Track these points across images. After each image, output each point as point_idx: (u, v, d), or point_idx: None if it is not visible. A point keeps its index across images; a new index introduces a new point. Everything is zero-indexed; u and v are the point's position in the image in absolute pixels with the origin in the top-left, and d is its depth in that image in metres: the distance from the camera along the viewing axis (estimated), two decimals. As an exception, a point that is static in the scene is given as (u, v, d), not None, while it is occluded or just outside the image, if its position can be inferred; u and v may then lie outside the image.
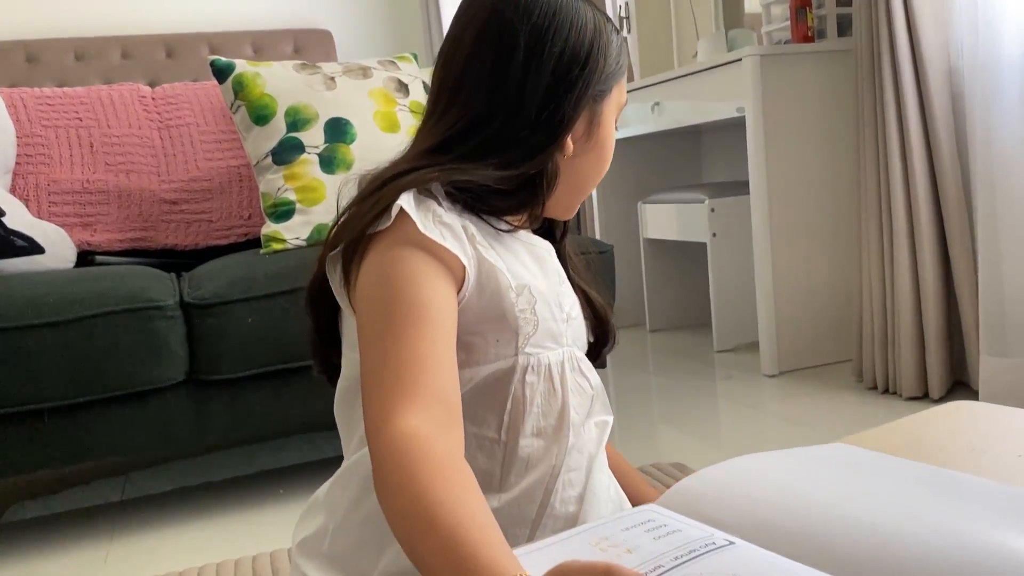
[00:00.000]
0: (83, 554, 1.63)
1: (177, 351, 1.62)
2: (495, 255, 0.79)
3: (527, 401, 0.80)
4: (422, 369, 0.67)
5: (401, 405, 0.65)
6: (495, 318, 0.78)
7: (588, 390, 0.86)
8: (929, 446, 0.82)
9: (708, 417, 2.23)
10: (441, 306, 0.72)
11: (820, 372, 2.46)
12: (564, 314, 0.84)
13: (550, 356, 0.82)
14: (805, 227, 2.48)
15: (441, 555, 0.55)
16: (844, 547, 0.58)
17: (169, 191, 2.10)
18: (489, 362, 0.79)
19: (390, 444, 0.62)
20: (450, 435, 0.66)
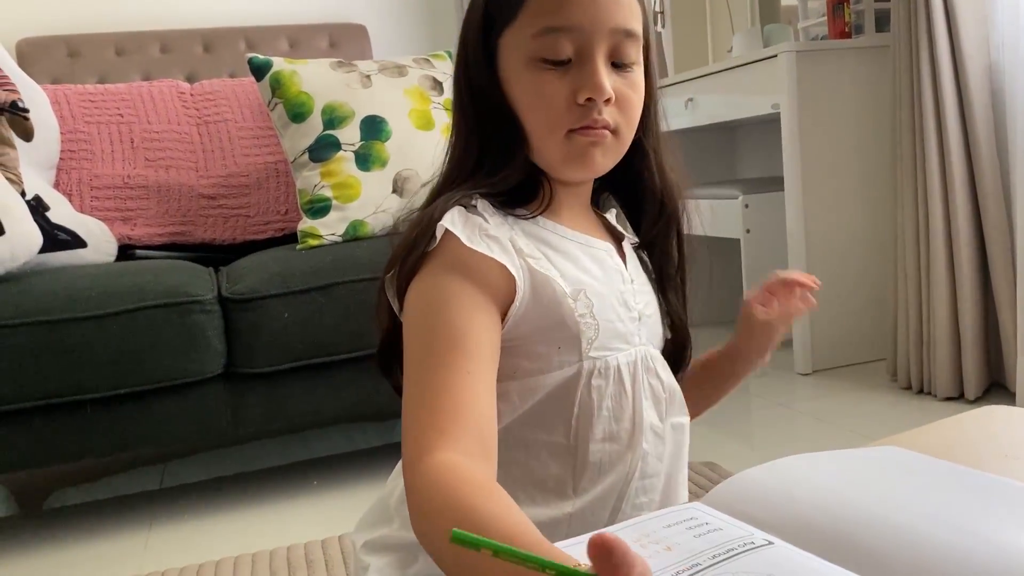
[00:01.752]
0: (123, 541, 1.67)
1: (215, 344, 1.65)
2: (547, 263, 0.78)
3: (595, 405, 0.79)
4: (456, 401, 0.67)
5: (436, 439, 0.64)
6: (555, 326, 0.77)
7: (661, 392, 0.85)
8: (961, 450, 0.82)
9: (740, 415, 2.23)
10: (480, 335, 0.72)
11: (854, 371, 2.44)
12: (633, 313, 0.83)
13: (619, 358, 0.81)
14: (840, 225, 2.46)
15: (490, 571, 0.52)
16: (884, 552, 0.58)
17: (207, 186, 2.13)
18: (554, 370, 0.78)
19: (426, 476, 0.61)
20: (485, 465, 0.65)
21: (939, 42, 2.02)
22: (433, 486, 0.60)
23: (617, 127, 0.79)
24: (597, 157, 0.80)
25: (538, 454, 0.75)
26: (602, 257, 0.84)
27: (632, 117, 0.81)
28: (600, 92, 0.76)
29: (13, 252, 1.64)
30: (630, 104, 0.80)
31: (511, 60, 0.80)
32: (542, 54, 0.77)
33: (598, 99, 0.77)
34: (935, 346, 2.10)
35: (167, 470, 2.09)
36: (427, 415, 0.66)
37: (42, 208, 1.86)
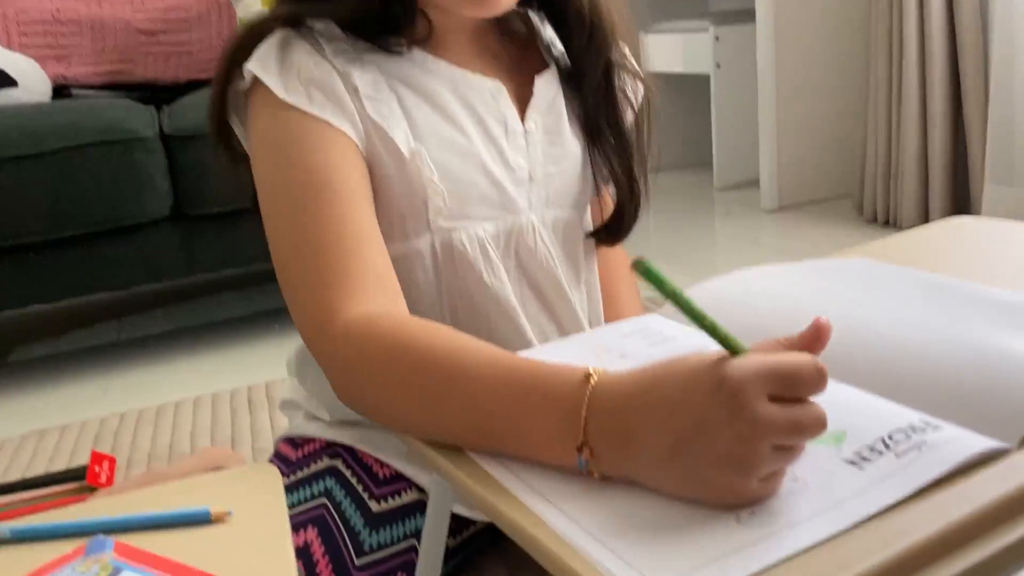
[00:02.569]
0: (84, 390, 1.65)
1: (160, 185, 1.58)
2: (392, 108, 0.67)
3: (453, 286, 0.71)
4: (342, 247, 0.59)
5: (337, 297, 0.56)
6: (397, 187, 0.68)
7: (553, 271, 0.75)
8: (927, 258, 0.79)
9: (706, 254, 2.21)
10: (343, 171, 0.63)
11: (820, 206, 2.42)
12: (517, 172, 0.73)
13: (486, 228, 0.71)
14: (812, 58, 2.38)
15: (479, 394, 0.47)
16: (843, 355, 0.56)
17: (144, 21, 2.00)
18: (397, 240, 0.69)
19: (347, 335, 0.54)
20: (401, 310, 0.59)
21: None
22: (366, 341, 0.53)
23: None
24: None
25: None
26: (482, 101, 0.72)
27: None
28: None
29: (-65, 90, 1.54)
30: None
31: None
32: None
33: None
34: (902, 178, 2.07)
35: (128, 322, 2.06)
36: (314, 275, 0.59)
37: (-36, 44, 1.73)
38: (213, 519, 0.52)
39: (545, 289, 0.78)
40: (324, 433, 0.86)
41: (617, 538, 0.41)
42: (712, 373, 0.41)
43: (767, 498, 0.41)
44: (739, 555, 0.38)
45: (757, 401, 0.40)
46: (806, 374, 0.41)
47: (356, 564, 0.76)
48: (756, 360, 0.41)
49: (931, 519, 0.38)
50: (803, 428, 0.41)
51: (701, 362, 0.42)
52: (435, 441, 0.52)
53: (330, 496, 0.80)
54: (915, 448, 0.44)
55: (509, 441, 0.47)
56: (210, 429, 1.35)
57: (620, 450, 0.43)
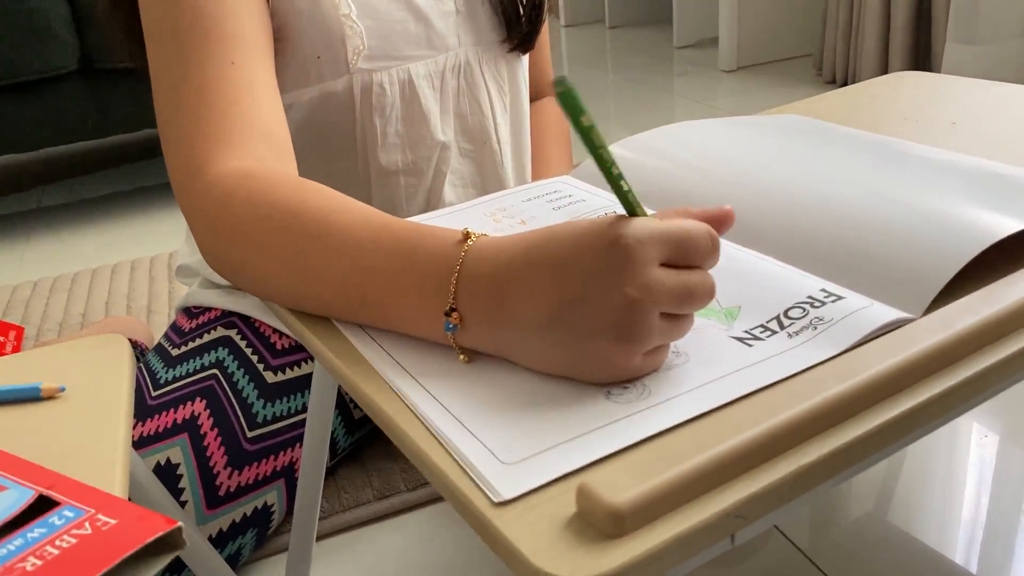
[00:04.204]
0: (1, 256, 1.57)
1: (63, 35, 1.46)
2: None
3: (376, 130, 0.67)
4: (227, 98, 0.52)
5: (213, 147, 0.50)
6: (312, 26, 0.62)
7: (487, 105, 0.72)
8: (865, 114, 0.74)
9: (662, 115, 2.13)
10: (240, 15, 0.56)
11: (779, 67, 2.33)
12: (445, 5, 0.68)
13: (412, 69, 0.67)
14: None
15: (349, 257, 0.42)
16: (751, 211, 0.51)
17: None
18: (314, 83, 0.64)
19: (215, 191, 0.48)
20: (285, 167, 0.52)
21: None
22: (232, 199, 0.47)
23: None
24: None
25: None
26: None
27: None
28: None
29: None
30: None
31: None
32: None
33: None
34: (863, 36, 1.99)
35: (44, 192, 1.96)
36: (193, 119, 0.52)
37: None
38: (44, 395, 0.47)
39: (477, 134, 0.73)
40: (220, 301, 0.80)
41: (478, 419, 0.36)
42: (604, 234, 0.35)
43: (647, 372, 0.37)
44: (602, 432, 0.34)
45: (650, 264, 0.35)
46: (701, 242, 0.37)
47: (248, 436, 0.73)
48: (651, 223, 0.36)
49: (807, 395, 0.34)
50: (694, 295, 0.36)
51: (593, 223, 0.37)
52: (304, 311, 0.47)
53: (222, 367, 0.75)
54: (809, 327, 0.39)
55: (378, 308, 0.42)
56: (127, 297, 1.29)
57: (492, 316, 0.38)
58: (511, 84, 0.75)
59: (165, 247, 1.47)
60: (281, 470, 0.74)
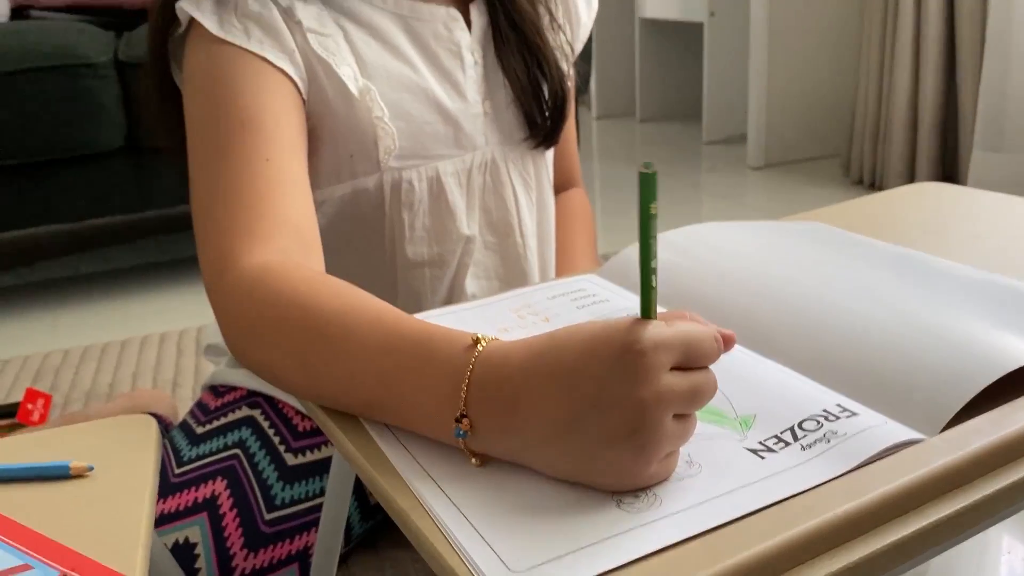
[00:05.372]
0: (35, 322, 1.61)
1: (113, 114, 1.52)
2: (339, 44, 0.63)
3: (405, 225, 0.68)
4: (259, 193, 0.54)
5: (241, 241, 0.52)
6: (345, 127, 0.64)
7: (511, 203, 0.74)
8: (887, 225, 0.75)
9: (688, 208, 2.16)
10: (276, 114, 0.59)
11: (807, 166, 2.36)
12: (473, 108, 0.70)
13: (441, 167, 0.69)
14: (806, 12, 2.30)
15: (362, 359, 0.43)
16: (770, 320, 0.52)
17: (111, -59, 1.91)
18: (346, 180, 0.66)
19: (240, 286, 0.50)
20: (311, 264, 0.54)
21: None
22: (255, 295, 0.49)
23: None
24: None
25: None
26: (433, 33, 0.68)
27: None
28: None
29: None
30: None
31: None
32: None
33: None
34: (890, 139, 2.02)
35: (84, 258, 2.01)
36: (225, 214, 0.54)
37: (-84, -43, 1.66)
38: (73, 473, 0.48)
39: (501, 228, 0.75)
40: (245, 381, 0.82)
41: (489, 523, 0.37)
42: (616, 340, 0.36)
43: (660, 480, 0.38)
44: (611, 542, 0.35)
45: (662, 370, 0.36)
46: (708, 346, 0.38)
47: (265, 518, 0.73)
48: (662, 328, 0.37)
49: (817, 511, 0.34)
50: (702, 394, 0.38)
51: (603, 328, 0.38)
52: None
53: (244, 447, 0.76)
54: (823, 440, 0.40)
55: (390, 410, 0.43)
56: (154, 370, 1.31)
57: (503, 424, 0.39)
58: (536, 179, 0.78)
59: (193, 321, 1.50)
60: (296, 554, 0.74)
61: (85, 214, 1.59)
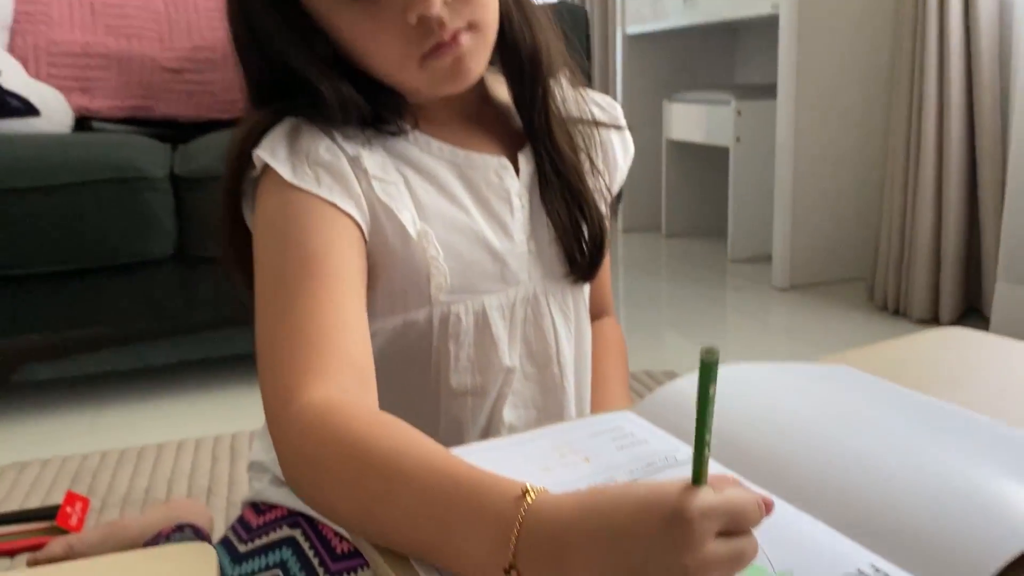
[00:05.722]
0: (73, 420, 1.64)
1: (166, 225, 1.59)
2: (400, 189, 0.68)
3: (451, 356, 0.71)
4: (321, 331, 0.58)
5: (303, 377, 0.55)
6: (401, 264, 0.68)
7: (550, 337, 0.76)
8: (912, 371, 0.77)
9: (714, 327, 2.19)
10: (340, 254, 0.63)
11: (832, 289, 2.40)
12: (518, 247, 0.74)
13: (487, 301, 0.72)
14: (831, 139, 2.38)
15: (414, 502, 0.45)
16: (810, 474, 0.54)
17: (172, 59, 2.03)
18: (398, 312, 0.70)
19: (300, 421, 0.53)
20: (367, 400, 0.57)
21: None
22: (314, 432, 0.52)
23: (471, 21, 0.66)
24: (467, 67, 0.67)
25: (392, 408, 0.69)
26: (484, 180, 0.73)
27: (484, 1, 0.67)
28: (428, 5, 0.62)
29: (-45, 116, 1.57)
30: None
31: (313, 2, 0.66)
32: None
33: (430, 12, 0.63)
34: (914, 267, 2.05)
35: (129, 352, 2.06)
36: (289, 351, 0.57)
37: (-8, 72, 1.77)
38: (138, 604, 0.51)
39: (540, 359, 0.77)
40: (287, 500, 0.84)
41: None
42: (665, 506, 0.39)
43: None
44: None
45: (708, 537, 0.38)
46: (752, 513, 0.41)
47: (304, 641, 0.74)
48: (710, 496, 0.40)
49: None
50: (744, 559, 0.40)
51: (655, 491, 0.40)
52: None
53: (285, 568, 0.78)
54: (857, 601, 0.42)
55: (440, 554, 0.45)
56: (189, 476, 1.34)
57: None
58: (575, 311, 0.81)
59: (226, 427, 1.53)
60: None
61: (130, 319, 1.65)
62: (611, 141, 0.83)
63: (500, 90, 0.79)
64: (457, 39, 0.65)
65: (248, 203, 0.70)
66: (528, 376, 0.78)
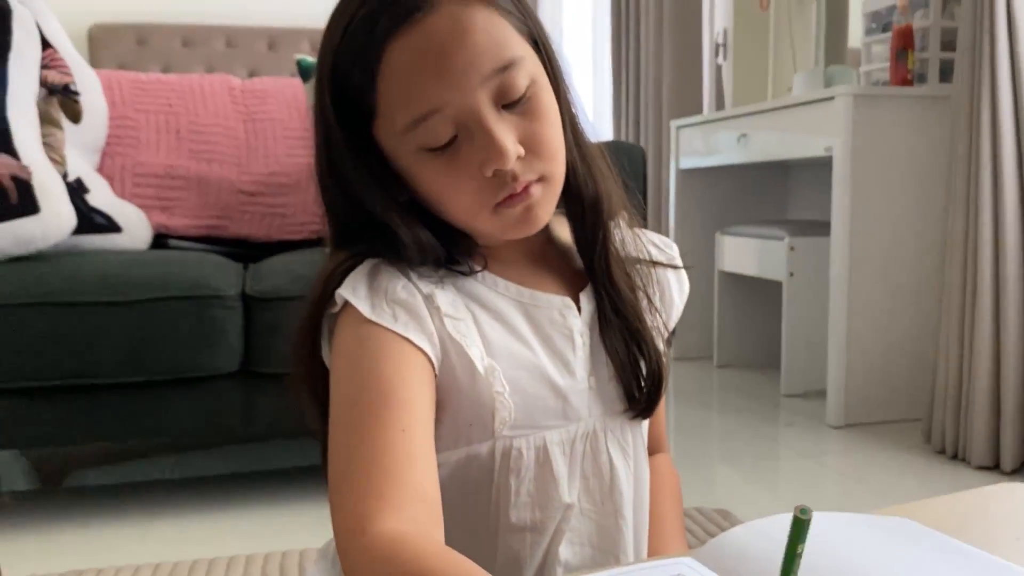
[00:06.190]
0: (126, 528, 1.67)
1: (233, 341, 1.65)
2: (470, 326, 0.71)
3: (512, 490, 0.73)
4: (393, 462, 0.60)
5: (376, 507, 0.57)
6: (468, 399, 0.70)
7: (607, 474, 0.77)
8: (975, 528, 0.76)
9: (765, 464, 2.16)
10: (412, 387, 0.65)
11: (887, 429, 2.36)
12: (579, 384, 0.76)
13: (548, 437, 0.74)
14: (886, 275, 2.39)
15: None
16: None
17: (248, 183, 2.14)
18: (461, 446, 0.72)
19: (372, 552, 0.55)
20: (435, 533, 0.60)
21: (1002, 95, 1.95)
22: (385, 563, 0.54)
23: (542, 174, 0.71)
24: (536, 215, 0.72)
25: (451, 542, 0.68)
26: (548, 318, 0.76)
27: (553, 151, 0.71)
28: (504, 159, 0.67)
29: (45, 232, 1.66)
30: (543, 141, 0.70)
31: (394, 155, 0.71)
32: (423, 145, 0.68)
33: (505, 167, 0.67)
34: (973, 412, 2.02)
35: (181, 460, 2.10)
36: (362, 480, 0.60)
37: (82, 191, 1.88)
38: None
39: (598, 496, 0.78)
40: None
41: None
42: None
43: None
44: None
45: None
46: None
47: None
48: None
49: None
50: None
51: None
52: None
53: None
54: None
55: None
56: (238, 594, 1.34)
57: None
58: (634, 448, 0.82)
59: (279, 543, 1.54)
60: None
61: (190, 431, 1.69)
62: (668, 280, 0.86)
63: (562, 231, 0.83)
64: (528, 190, 0.70)
65: (325, 336, 0.74)
66: (585, 513, 0.79)
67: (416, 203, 0.74)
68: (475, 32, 0.67)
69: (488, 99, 0.68)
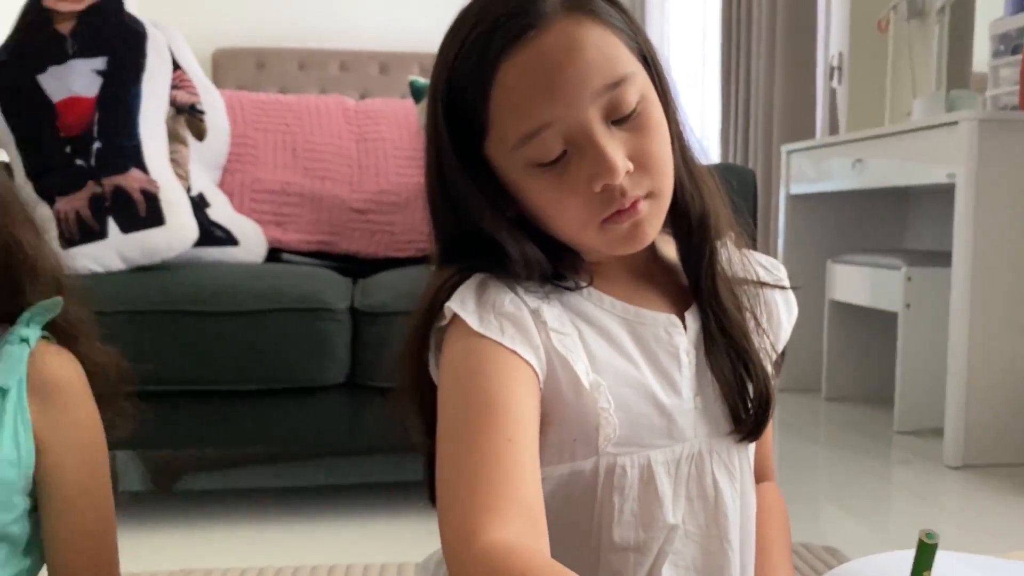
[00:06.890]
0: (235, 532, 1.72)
1: (340, 354, 1.68)
2: (575, 341, 0.71)
3: (615, 508, 0.72)
4: (500, 474, 0.61)
5: (483, 519, 0.58)
6: (573, 414, 0.70)
7: (711, 496, 0.76)
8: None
9: (876, 503, 2.07)
10: (519, 399, 0.66)
11: (1010, 472, 2.22)
12: (685, 403, 0.75)
13: (653, 456, 0.73)
14: (1010, 309, 2.26)
15: None
16: None
17: (359, 200, 2.20)
18: (565, 461, 0.72)
19: (482, 563, 0.56)
20: (539, 544, 0.60)
21: None
22: (494, 574, 0.55)
23: (650, 190, 0.70)
24: (643, 231, 0.72)
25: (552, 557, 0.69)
26: (654, 336, 0.75)
27: (661, 167, 0.71)
28: (613, 174, 0.67)
29: (170, 243, 1.74)
30: (652, 156, 0.70)
31: (504, 170, 0.72)
32: (533, 160, 0.69)
33: (614, 181, 0.68)
34: (1109, 457, 1.89)
35: (286, 469, 2.15)
36: (469, 491, 0.61)
37: (203, 205, 1.96)
38: None
39: (703, 519, 0.77)
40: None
41: None
42: None
43: None
44: None
45: None
46: None
47: None
48: None
49: None
50: None
51: None
52: None
53: None
54: None
55: None
56: (337, 604, 1.36)
57: None
58: (741, 471, 0.80)
59: (378, 557, 1.56)
60: None
61: (299, 439, 1.73)
62: (775, 301, 0.84)
63: (668, 249, 0.82)
64: (636, 206, 0.70)
65: (433, 349, 0.74)
66: (690, 536, 0.77)
67: (524, 219, 0.74)
68: (587, 49, 0.67)
69: (598, 115, 0.68)
